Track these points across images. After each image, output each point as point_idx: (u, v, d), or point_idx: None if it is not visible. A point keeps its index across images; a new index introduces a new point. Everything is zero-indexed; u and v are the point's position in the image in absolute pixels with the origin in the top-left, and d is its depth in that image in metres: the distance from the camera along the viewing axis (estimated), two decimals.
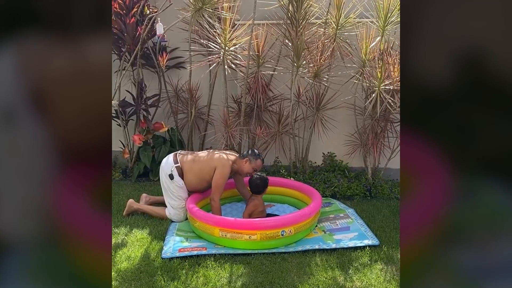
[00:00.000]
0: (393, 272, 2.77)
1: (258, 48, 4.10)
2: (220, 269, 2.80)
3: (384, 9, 3.76)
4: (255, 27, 3.99)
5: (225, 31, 3.86)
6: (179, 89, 4.72)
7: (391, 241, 3.17)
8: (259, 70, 4.21)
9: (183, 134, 4.82)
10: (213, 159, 3.57)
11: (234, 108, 4.51)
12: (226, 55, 3.96)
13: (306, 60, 4.03)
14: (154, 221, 3.61)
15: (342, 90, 4.25)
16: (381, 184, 4.22)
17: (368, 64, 3.97)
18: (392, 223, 3.53)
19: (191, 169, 3.59)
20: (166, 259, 2.93)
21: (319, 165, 4.66)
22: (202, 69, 4.30)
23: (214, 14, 3.98)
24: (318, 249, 3.05)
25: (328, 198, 4.09)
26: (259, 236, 3.01)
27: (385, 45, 3.96)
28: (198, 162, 3.61)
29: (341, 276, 2.72)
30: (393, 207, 3.89)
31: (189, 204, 3.43)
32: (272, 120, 4.49)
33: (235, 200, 4.02)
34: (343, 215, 3.62)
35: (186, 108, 4.67)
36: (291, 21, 3.98)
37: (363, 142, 4.27)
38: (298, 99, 4.31)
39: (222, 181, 3.50)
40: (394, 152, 4.33)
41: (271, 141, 4.49)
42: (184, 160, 3.63)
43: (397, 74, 3.71)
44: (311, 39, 4.09)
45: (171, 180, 3.60)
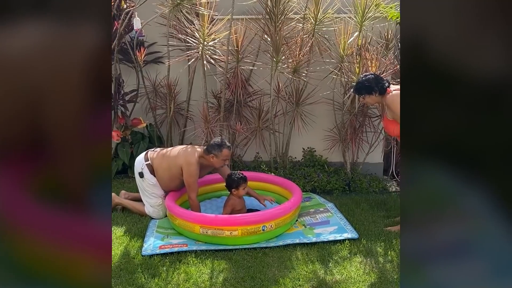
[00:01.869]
0: (372, 264, 2.82)
1: (237, 43, 4.09)
2: (201, 265, 2.80)
3: (362, 4, 3.80)
4: (233, 22, 3.98)
5: (203, 27, 3.83)
6: (158, 85, 4.66)
7: (369, 234, 3.23)
8: (238, 65, 4.20)
9: (162, 130, 4.77)
10: (178, 156, 3.48)
11: (214, 103, 4.49)
12: (205, 50, 3.93)
13: (285, 55, 4.03)
14: (133, 219, 3.57)
15: (321, 85, 4.28)
16: (359, 178, 4.29)
17: (346, 60, 4.00)
18: (370, 216, 3.59)
19: (160, 166, 3.53)
20: (147, 256, 2.91)
21: (299, 160, 4.69)
22: (180, 64, 4.26)
23: (192, 10, 3.95)
24: (298, 243, 3.08)
25: (308, 192, 4.13)
26: (240, 232, 3.02)
27: (363, 40, 4.00)
28: (167, 158, 3.55)
29: (321, 269, 2.76)
30: (371, 201, 3.95)
31: (168, 201, 3.40)
32: (252, 116, 4.49)
33: (215, 196, 4.01)
34: (323, 209, 3.66)
35: (164, 104, 4.62)
36: (269, 16, 3.98)
37: (342, 137, 4.32)
38: (277, 94, 4.32)
39: (192, 179, 3.42)
40: (372, 147, 4.39)
41: (252, 136, 4.50)
42: (154, 157, 3.58)
43: (375, 69, 3.76)
44: (290, 34, 4.09)
45: (142, 178, 3.56)
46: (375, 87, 3.18)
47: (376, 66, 3.77)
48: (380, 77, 3.29)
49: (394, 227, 3.36)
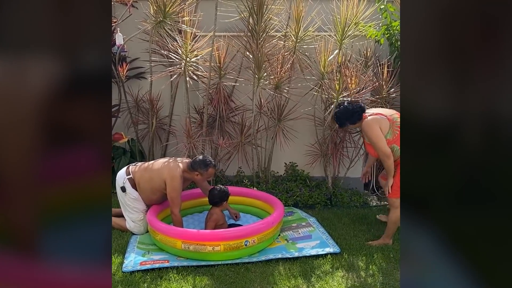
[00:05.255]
0: (354, 279, 2.84)
1: (220, 59, 4.13)
2: (183, 282, 2.77)
3: (342, 23, 3.89)
4: (216, 39, 4.03)
5: (186, 43, 3.87)
6: (140, 100, 4.66)
7: (351, 249, 3.26)
8: (221, 81, 4.24)
9: (144, 144, 4.75)
10: (162, 170, 3.46)
11: (197, 118, 4.50)
12: (188, 66, 3.96)
13: (267, 72, 4.09)
14: (114, 234, 3.52)
15: (302, 102, 4.34)
16: (341, 192, 4.34)
17: (326, 77, 4.08)
18: (352, 230, 3.63)
19: (142, 178, 3.51)
20: (127, 273, 2.87)
21: (281, 174, 4.72)
22: (163, 79, 4.27)
23: (175, 27, 3.98)
24: (281, 258, 3.09)
25: (290, 207, 4.15)
26: (222, 247, 3.01)
27: (343, 58, 4.09)
28: (149, 171, 3.53)
29: (303, 284, 2.77)
30: (352, 215, 4.00)
31: (149, 216, 3.37)
32: (234, 131, 4.52)
33: (197, 211, 3.99)
34: (305, 224, 3.68)
35: (147, 119, 4.61)
36: (251, 34, 4.04)
37: (323, 152, 4.37)
38: (260, 110, 4.36)
39: (176, 194, 3.40)
40: (353, 162, 4.46)
41: (234, 151, 4.51)
42: (136, 171, 3.57)
43: (354, 86, 3.85)
44: (271, 51, 4.16)
45: (124, 192, 3.53)
46: (353, 117, 3.38)
47: (356, 83, 3.86)
48: (354, 105, 3.42)
49: (375, 241, 3.40)
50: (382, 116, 3.25)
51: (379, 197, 4.58)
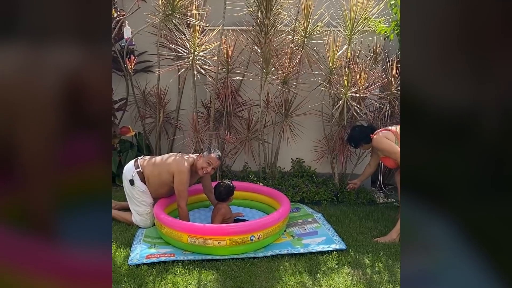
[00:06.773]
0: (359, 276, 2.83)
1: (228, 54, 4.11)
2: (189, 275, 2.78)
3: (351, 18, 3.86)
4: (224, 33, 4.01)
5: (194, 37, 3.85)
6: (147, 93, 4.66)
7: (357, 245, 3.24)
8: (228, 76, 4.22)
9: (151, 138, 4.76)
10: (170, 164, 3.50)
11: (203, 113, 4.50)
12: (195, 60, 3.95)
13: (275, 67, 4.07)
14: (120, 228, 3.53)
15: (310, 97, 4.32)
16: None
17: (335, 72, 4.05)
18: (358, 227, 3.61)
19: (152, 173, 3.53)
20: (133, 266, 2.87)
21: (288, 170, 4.71)
22: (170, 73, 4.27)
23: (183, 21, 3.97)
24: (286, 254, 3.08)
25: (296, 203, 4.14)
26: (228, 242, 3.00)
27: (352, 53, 4.06)
28: (158, 165, 3.55)
29: (309, 280, 2.76)
30: (359, 212, 3.97)
31: (156, 210, 3.38)
32: (241, 126, 4.51)
33: (203, 206, 4.00)
34: (311, 220, 3.67)
35: (154, 113, 4.62)
36: (260, 28, 4.02)
37: (330, 148, 4.35)
38: (267, 105, 4.35)
39: (183, 187, 3.42)
40: (360, 159, 4.43)
41: (241, 146, 4.51)
42: (145, 165, 3.57)
43: (363, 82, 3.81)
44: (279, 46, 4.14)
45: (132, 185, 3.54)
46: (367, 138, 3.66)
47: (365, 79, 3.83)
48: (367, 126, 3.74)
49: (382, 238, 3.38)
50: (385, 131, 3.55)
51: (386, 194, 4.55)
